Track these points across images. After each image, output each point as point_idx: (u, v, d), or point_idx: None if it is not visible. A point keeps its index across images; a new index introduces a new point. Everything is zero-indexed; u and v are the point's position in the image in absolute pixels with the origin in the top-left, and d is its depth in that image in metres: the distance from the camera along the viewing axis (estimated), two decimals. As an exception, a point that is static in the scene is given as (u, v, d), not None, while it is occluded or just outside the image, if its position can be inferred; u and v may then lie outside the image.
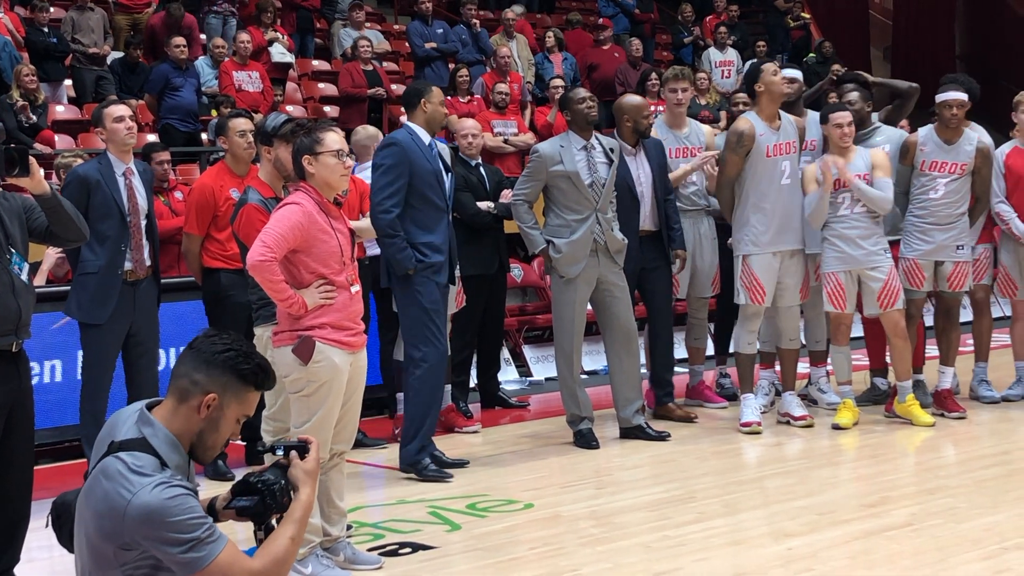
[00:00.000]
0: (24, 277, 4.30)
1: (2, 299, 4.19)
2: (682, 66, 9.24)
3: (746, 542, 4.91)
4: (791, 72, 7.65)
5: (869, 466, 6.34)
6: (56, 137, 10.40)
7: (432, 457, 6.18)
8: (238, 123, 6.37)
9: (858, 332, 7.74)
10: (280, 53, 12.71)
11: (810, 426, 7.10)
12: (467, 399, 7.72)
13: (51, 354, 6.86)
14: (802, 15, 17.22)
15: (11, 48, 10.88)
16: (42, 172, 4.29)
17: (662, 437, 6.89)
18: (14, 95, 10.07)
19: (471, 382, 8.04)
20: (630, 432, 6.90)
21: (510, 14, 14.08)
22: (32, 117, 10.06)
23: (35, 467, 4.58)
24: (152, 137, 10.56)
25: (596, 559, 4.68)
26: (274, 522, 2.98)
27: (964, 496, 5.50)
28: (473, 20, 13.76)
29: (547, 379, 9.25)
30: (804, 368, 7.71)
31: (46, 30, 11.49)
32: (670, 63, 13.90)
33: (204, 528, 2.75)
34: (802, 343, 7.46)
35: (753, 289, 7.02)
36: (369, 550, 4.83)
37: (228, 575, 2.77)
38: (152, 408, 2.93)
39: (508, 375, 9.24)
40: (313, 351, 4.39)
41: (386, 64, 13.33)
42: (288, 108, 11.87)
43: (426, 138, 6.22)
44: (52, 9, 11.89)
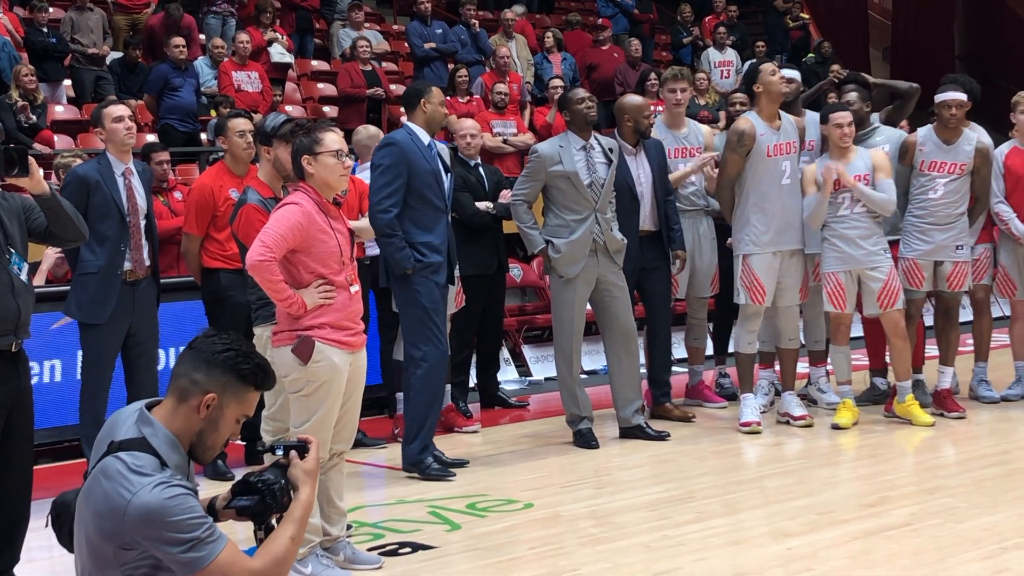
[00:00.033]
0: (23, 277, 4.30)
1: (1, 299, 4.18)
2: (681, 66, 9.25)
3: (746, 542, 4.91)
4: (789, 72, 7.65)
5: (869, 466, 6.34)
6: (55, 137, 10.40)
7: (433, 457, 6.19)
8: (237, 123, 6.37)
9: (858, 332, 7.74)
10: (279, 53, 12.70)
11: (810, 426, 7.10)
12: (467, 399, 7.72)
13: (51, 354, 6.86)
14: (801, 15, 17.22)
15: (10, 48, 10.87)
16: (41, 172, 4.28)
17: (662, 437, 6.89)
18: (13, 95, 10.06)
19: (471, 382, 8.04)
20: (630, 432, 6.91)
21: (509, 14, 14.07)
22: (31, 117, 10.05)
23: (35, 467, 4.57)
24: (151, 137, 10.55)
25: (596, 559, 4.68)
26: (274, 522, 2.98)
27: (964, 496, 5.50)
28: (472, 20, 13.76)
29: (547, 379, 9.25)
30: (804, 368, 7.71)
31: (45, 30, 11.48)
32: (669, 63, 13.90)
33: (204, 528, 2.75)
34: (801, 343, 7.47)
35: (753, 289, 7.02)
36: (369, 550, 4.83)
37: (228, 575, 2.77)
38: (152, 408, 2.93)
39: (508, 375, 9.24)
40: (312, 351, 4.39)
41: (385, 64, 13.32)
42: (287, 108, 11.86)
43: (425, 138, 6.22)
44: (51, 9, 11.88)
